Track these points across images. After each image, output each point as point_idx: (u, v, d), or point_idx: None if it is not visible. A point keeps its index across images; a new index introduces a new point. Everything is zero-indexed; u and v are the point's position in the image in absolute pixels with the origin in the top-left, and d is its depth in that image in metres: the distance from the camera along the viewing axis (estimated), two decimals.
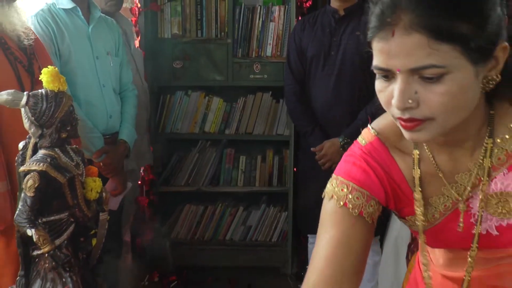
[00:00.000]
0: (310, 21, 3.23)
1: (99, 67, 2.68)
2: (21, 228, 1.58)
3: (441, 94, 0.96)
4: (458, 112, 1.00)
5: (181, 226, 3.96)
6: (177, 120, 3.86)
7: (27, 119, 1.58)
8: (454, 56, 0.94)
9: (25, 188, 1.54)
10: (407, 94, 0.98)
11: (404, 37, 0.96)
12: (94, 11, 2.75)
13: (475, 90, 1.01)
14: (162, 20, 3.80)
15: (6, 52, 2.04)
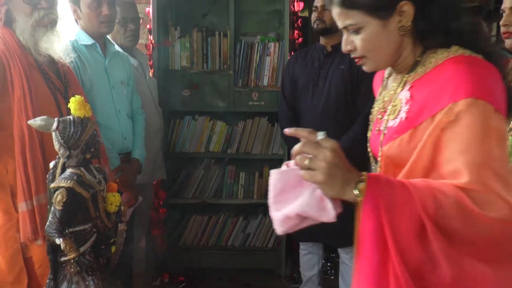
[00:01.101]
0: (302, 55, 3.24)
1: (115, 95, 2.68)
2: (51, 238, 1.58)
3: (361, 40, 1.26)
4: (379, 51, 1.28)
5: (189, 233, 3.94)
6: (186, 141, 3.86)
7: (57, 142, 1.58)
8: (362, 16, 1.22)
9: (54, 202, 1.53)
10: (347, 42, 1.30)
11: (334, 10, 1.27)
12: (109, 46, 2.75)
13: (388, 36, 1.25)
14: (173, 54, 3.82)
15: (47, 82, 2.03)
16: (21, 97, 1.89)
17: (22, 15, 1.97)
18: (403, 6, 1.21)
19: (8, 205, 1.95)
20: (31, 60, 2.00)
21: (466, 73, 1.14)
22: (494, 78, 1.17)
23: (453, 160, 1.10)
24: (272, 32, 3.88)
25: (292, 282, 3.72)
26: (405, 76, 1.30)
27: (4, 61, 1.90)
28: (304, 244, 3.29)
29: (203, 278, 3.77)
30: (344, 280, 3.19)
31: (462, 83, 1.12)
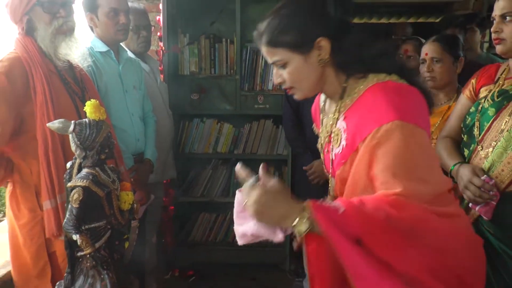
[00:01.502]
0: None
1: (128, 99, 2.69)
2: (68, 234, 1.59)
3: (287, 73, 1.38)
4: (304, 82, 1.40)
5: (197, 230, 3.95)
6: (194, 142, 3.87)
7: (74, 143, 1.59)
8: (286, 53, 1.35)
9: (71, 200, 1.54)
10: (277, 76, 1.42)
11: (263, 49, 1.40)
12: (122, 52, 2.77)
13: (310, 68, 1.37)
14: (182, 60, 3.83)
15: (66, 87, 2.05)
16: (43, 102, 1.90)
17: (43, 23, 1.99)
18: (320, 42, 1.34)
19: (33, 203, 1.97)
20: (51, 66, 2.02)
21: (384, 100, 1.26)
22: (408, 97, 1.30)
23: (383, 175, 1.20)
24: None
25: (296, 276, 3.72)
26: (338, 104, 1.41)
27: (27, 68, 1.92)
28: None
29: (211, 273, 3.77)
30: None
31: (382, 110, 1.24)
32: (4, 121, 1.88)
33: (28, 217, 1.97)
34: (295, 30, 1.34)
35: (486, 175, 1.77)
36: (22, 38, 1.99)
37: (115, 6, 2.61)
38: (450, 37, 2.56)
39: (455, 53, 2.42)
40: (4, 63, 1.92)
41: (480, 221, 1.83)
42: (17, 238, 2.01)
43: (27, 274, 1.99)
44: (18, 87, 1.90)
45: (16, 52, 1.97)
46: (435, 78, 2.41)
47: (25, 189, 1.99)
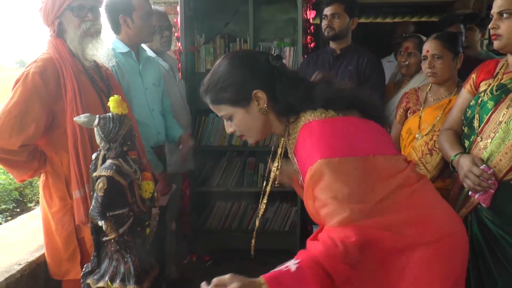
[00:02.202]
0: (313, 59, 3.25)
1: (148, 96, 2.71)
2: (94, 220, 1.62)
3: (235, 124, 1.47)
4: (251, 130, 1.48)
5: (213, 218, 3.97)
6: (210, 135, 3.88)
7: (98, 136, 1.62)
8: (228, 108, 1.44)
9: (97, 189, 1.57)
10: (228, 127, 1.51)
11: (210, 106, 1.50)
12: (142, 52, 2.78)
13: (253, 118, 1.44)
14: (198, 59, 3.84)
15: (94, 85, 2.09)
16: (72, 99, 1.95)
17: (72, 27, 2.04)
18: (256, 94, 1.41)
19: (63, 192, 2.02)
20: (80, 66, 2.07)
21: (308, 142, 1.35)
22: (331, 131, 1.35)
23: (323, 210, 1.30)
24: (287, 38, 3.88)
25: None
26: (289, 143, 1.47)
27: (58, 68, 1.97)
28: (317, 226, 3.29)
29: (226, 258, 3.79)
30: None
31: (308, 152, 1.33)
32: (39, 118, 1.93)
33: (59, 205, 2.02)
34: (232, 86, 1.42)
35: (485, 165, 1.76)
36: (53, 40, 2.04)
37: (149, 10, 2.66)
38: (450, 34, 2.54)
39: (455, 50, 2.41)
40: (38, 64, 1.97)
41: (479, 208, 1.82)
42: (49, 225, 2.05)
43: (59, 257, 2.04)
44: (51, 86, 1.95)
45: (49, 53, 2.01)
46: (436, 74, 2.40)
47: (56, 180, 2.03)
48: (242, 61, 1.44)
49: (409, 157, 2.44)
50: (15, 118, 1.90)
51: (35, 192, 4.60)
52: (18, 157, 1.96)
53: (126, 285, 1.64)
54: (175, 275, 3.37)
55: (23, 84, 1.92)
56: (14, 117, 1.90)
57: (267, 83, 1.42)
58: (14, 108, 1.90)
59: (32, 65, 1.97)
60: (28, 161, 1.99)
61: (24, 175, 2.07)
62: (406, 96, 2.63)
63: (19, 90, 1.92)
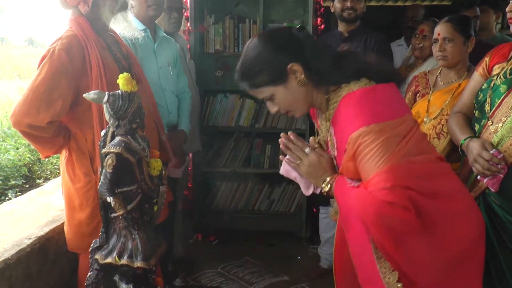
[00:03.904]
0: (320, 41, 3.22)
1: (162, 75, 2.70)
2: (103, 196, 1.62)
3: (278, 103, 1.47)
4: (294, 104, 1.47)
5: (220, 198, 3.98)
6: (218, 116, 3.87)
7: (108, 113, 1.62)
8: (268, 89, 1.44)
9: (105, 165, 1.57)
10: (272, 107, 1.50)
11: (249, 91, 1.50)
12: (158, 31, 2.77)
13: (294, 92, 1.44)
14: (207, 39, 3.82)
15: (117, 62, 2.09)
16: (97, 75, 1.96)
17: (108, 1, 2.05)
18: (292, 68, 1.40)
19: (88, 168, 2.02)
20: (103, 43, 2.07)
21: (352, 110, 1.36)
22: (375, 99, 1.37)
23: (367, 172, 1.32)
24: (297, 19, 3.84)
25: (311, 243, 3.75)
26: (325, 113, 1.49)
27: (83, 45, 1.97)
28: (324, 208, 3.30)
29: (231, 238, 3.82)
30: None
31: (351, 119, 1.35)
32: (65, 95, 1.94)
33: (84, 181, 2.02)
34: (266, 68, 1.41)
35: (495, 149, 1.75)
36: (76, 18, 2.03)
37: None
38: (462, 18, 2.50)
39: (466, 33, 2.38)
40: (63, 41, 1.96)
41: (487, 192, 1.81)
42: (72, 200, 2.06)
43: (81, 233, 2.05)
44: (76, 62, 1.95)
45: (72, 30, 2.00)
46: (446, 57, 2.38)
47: (80, 156, 2.04)
48: (268, 41, 1.43)
49: None
50: (43, 94, 1.90)
51: (43, 168, 4.63)
52: (45, 133, 1.97)
53: (134, 262, 1.64)
54: (181, 254, 3.40)
55: (49, 61, 1.92)
56: (42, 92, 1.90)
57: (298, 55, 1.41)
58: (41, 85, 1.91)
59: (57, 42, 1.96)
60: (54, 137, 2.01)
61: (49, 151, 2.09)
62: (416, 80, 2.60)
63: (46, 66, 1.92)
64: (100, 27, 2.08)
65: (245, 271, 3.35)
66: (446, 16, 2.46)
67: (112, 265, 1.66)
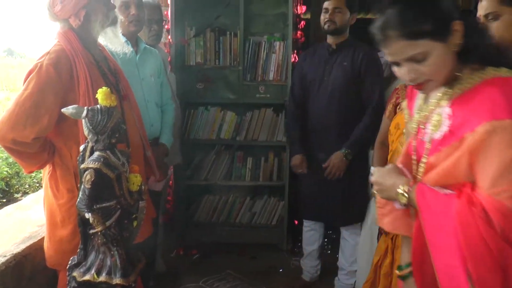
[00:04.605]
0: (310, 53, 3.24)
1: (144, 87, 2.68)
2: (81, 212, 1.61)
3: (428, 65, 1.22)
4: (443, 71, 1.25)
5: (202, 211, 3.96)
6: (199, 129, 3.86)
7: (86, 128, 1.60)
8: (427, 43, 1.20)
9: (84, 181, 1.55)
10: (410, 72, 1.25)
11: (397, 44, 1.23)
12: (140, 43, 2.76)
13: (449, 56, 1.24)
14: (188, 52, 3.81)
15: (104, 78, 2.06)
16: (85, 91, 1.93)
17: (101, 15, 2.03)
18: (455, 26, 1.22)
19: (72, 184, 1.99)
20: (91, 58, 2.05)
21: (502, 97, 1.15)
22: None
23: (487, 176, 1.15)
24: (278, 33, 3.86)
25: (293, 255, 3.75)
26: (447, 91, 1.29)
27: (71, 59, 1.95)
28: (308, 222, 3.31)
29: (214, 251, 3.80)
30: (344, 254, 3.21)
31: (496, 105, 1.14)
32: (52, 110, 1.90)
33: (67, 197, 1.99)
34: (433, 16, 1.20)
35: None
36: (64, 32, 2.01)
37: (126, 0, 2.63)
38: None
39: None
40: (52, 55, 1.94)
41: None
42: (54, 216, 2.02)
43: (62, 249, 2.01)
44: (64, 77, 1.93)
45: (60, 44, 1.98)
46: None
47: (64, 171, 2.01)
48: None
49: (397, 152, 2.44)
50: (29, 109, 1.87)
51: (22, 182, 4.56)
52: (30, 149, 1.94)
53: (113, 279, 1.62)
54: (162, 269, 3.36)
55: (37, 76, 1.89)
56: (29, 108, 1.87)
57: (463, 16, 1.25)
58: (28, 100, 1.88)
59: (45, 56, 1.94)
60: (39, 152, 1.97)
61: (33, 167, 2.05)
62: (396, 92, 2.63)
63: (33, 81, 1.89)
64: (89, 41, 2.06)
65: (227, 284, 3.33)
66: None
67: (91, 282, 1.63)
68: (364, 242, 2.94)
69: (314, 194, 3.15)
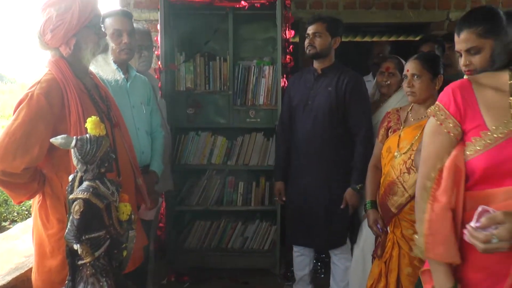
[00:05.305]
0: (297, 77, 3.27)
1: (135, 114, 2.68)
2: (69, 243, 1.58)
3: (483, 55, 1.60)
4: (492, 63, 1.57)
5: (193, 236, 3.93)
6: (190, 154, 3.86)
7: (75, 158, 1.59)
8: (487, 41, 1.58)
9: (73, 212, 1.53)
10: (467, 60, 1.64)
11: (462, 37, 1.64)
12: (131, 71, 2.77)
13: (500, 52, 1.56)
14: (178, 77, 3.83)
15: (95, 106, 2.05)
16: (76, 120, 1.91)
17: (91, 44, 2.02)
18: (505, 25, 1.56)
19: (62, 214, 1.96)
20: (82, 86, 2.04)
21: None
22: None
23: None
24: (267, 57, 3.90)
25: (286, 280, 3.71)
26: None
27: (62, 88, 1.93)
28: (297, 247, 3.29)
29: (205, 277, 3.75)
30: (334, 278, 3.19)
31: None
32: (43, 140, 1.88)
33: (57, 227, 1.96)
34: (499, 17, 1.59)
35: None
36: (55, 60, 2.00)
37: (118, 28, 2.64)
38: (430, 55, 2.59)
39: (434, 71, 2.45)
40: (43, 85, 1.92)
41: None
42: (44, 247, 1.99)
43: (51, 280, 1.97)
44: (55, 106, 1.91)
45: (52, 73, 1.97)
46: (414, 93, 2.44)
47: (55, 201, 1.98)
48: None
49: (388, 176, 2.45)
50: (20, 139, 1.85)
51: (10, 210, 4.50)
52: (19, 179, 1.91)
53: None
54: None
55: (27, 105, 1.87)
56: (19, 138, 1.85)
57: None
58: (18, 130, 1.85)
59: (36, 86, 1.92)
60: (29, 182, 1.94)
61: (23, 197, 2.01)
62: (388, 116, 2.66)
63: (24, 111, 1.87)
64: (80, 69, 2.05)
65: None
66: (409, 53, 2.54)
67: None
68: (356, 266, 2.92)
69: (299, 218, 3.14)
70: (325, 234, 3.05)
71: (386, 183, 2.47)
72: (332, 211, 3.04)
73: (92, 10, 2.00)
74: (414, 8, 4.29)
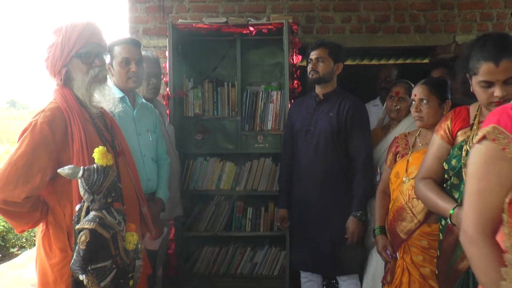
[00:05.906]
0: (299, 102, 3.27)
1: (141, 142, 2.69)
2: (75, 274, 1.57)
3: None
4: None
5: (202, 262, 3.90)
6: (199, 179, 3.86)
7: (82, 188, 1.60)
8: None
9: (79, 242, 1.53)
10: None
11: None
12: (137, 98, 2.79)
13: None
14: (187, 103, 3.86)
15: (99, 135, 2.06)
16: (79, 149, 1.92)
17: (80, 74, 2.03)
18: None
19: (64, 244, 1.95)
20: (86, 115, 2.05)
21: None
22: None
23: None
24: (275, 82, 3.92)
25: None
26: None
27: (66, 117, 1.95)
28: (304, 273, 3.25)
29: None
30: None
31: None
32: (45, 168, 1.88)
33: (60, 256, 1.95)
34: None
35: None
36: (60, 88, 2.02)
37: (127, 56, 2.67)
38: (438, 80, 2.58)
39: (442, 96, 2.45)
40: (47, 113, 1.93)
41: None
42: (47, 276, 1.97)
43: None
44: (58, 135, 1.92)
45: (56, 102, 1.99)
46: (422, 118, 2.43)
47: (58, 230, 1.97)
48: None
49: (397, 201, 2.43)
50: (22, 168, 1.85)
51: (18, 237, 4.51)
52: (21, 208, 1.90)
53: None
54: None
55: (31, 134, 1.89)
56: (21, 167, 1.85)
57: None
58: (20, 159, 1.86)
59: (40, 114, 1.93)
60: (31, 212, 1.93)
61: (25, 226, 2.01)
62: (396, 141, 2.65)
63: (27, 140, 1.88)
64: (85, 96, 2.05)
65: None
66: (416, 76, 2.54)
67: None
68: None
69: (305, 244, 3.11)
70: (330, 259, 3.01)
71: (395, 209, 2.45)
72: (336, 236, 3.01)
73: (77, 40, 2.00)
74: (420, 32, 4.30)
